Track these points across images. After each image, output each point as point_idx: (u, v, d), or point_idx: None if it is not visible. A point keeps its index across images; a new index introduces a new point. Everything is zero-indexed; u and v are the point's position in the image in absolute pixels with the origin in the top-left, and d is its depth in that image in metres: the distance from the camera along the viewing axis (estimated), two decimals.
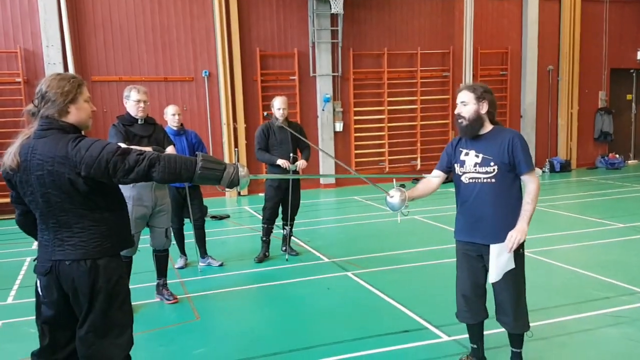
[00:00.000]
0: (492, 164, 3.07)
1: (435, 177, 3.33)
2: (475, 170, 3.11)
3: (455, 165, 3.23)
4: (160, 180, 2.34)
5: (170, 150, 4.57)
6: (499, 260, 3.07)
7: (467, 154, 3.17)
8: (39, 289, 2.46)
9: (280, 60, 11.05)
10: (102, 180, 2.32)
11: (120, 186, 2.56)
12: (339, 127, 11.42)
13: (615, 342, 3.75)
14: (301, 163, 5.81)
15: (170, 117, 5.65)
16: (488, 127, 3.14)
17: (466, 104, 3.11)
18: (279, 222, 6.17)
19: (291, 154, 5.77)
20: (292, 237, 6.35)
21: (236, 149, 5.73)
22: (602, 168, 13.33)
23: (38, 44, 9.45)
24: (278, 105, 5.75)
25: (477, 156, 3.12)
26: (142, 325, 4.10)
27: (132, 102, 4.46)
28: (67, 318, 2.45)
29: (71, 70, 9.33)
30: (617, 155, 13.47)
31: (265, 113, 5.60)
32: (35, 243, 2.56)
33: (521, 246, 3.14)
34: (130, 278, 4.11)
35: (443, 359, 3.54)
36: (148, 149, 3.80)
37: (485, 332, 3.37)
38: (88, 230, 2.37)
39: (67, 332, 2.48)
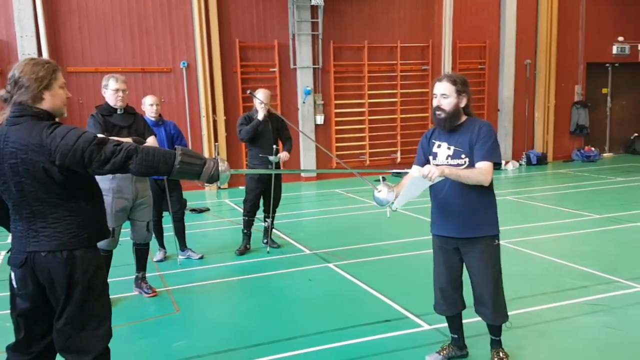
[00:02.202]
0: (462, 155, 3.04)
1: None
2: (448, 162, 3.06)
3: (429, 157, 3.19)
4: (137, 173, 2.30)
5: (151, 140, 4.48)
6: (410, 188, 2.92)
7: (439, 146, 3.13)
8: (13, 282, 2.40)
9: (260, 52, 10.95)
10: (77, 170, 2.26)
11: (100, 178, 2.50)
12: (319, 119, 11.39)
13: (592, 330, 3.82)
14: (283, 155, 5.77)
15: (148, 107, 5.55)
16: (462, 118, 3.11)
17: (447, 97, 3.04)
18: (260, 214, 6.13)
19: (274, 146, 5.72)
20: (274, 230, 6.32)
21: (216, 143, 5.65)
22: (578, 161, 13.55)
23: (12, 34, 9.21)
24: (260, 99, 5.69)
25: (449, 148, 3.08)
26: (121, 318, 4.05)
27: (111, 91, 4.38)
28: (43, 310, 2.40)
29: None
30: (593, 148, 13.70)
31: (248, 91, 5.47)
32: (9, 236, 2.49)
33: (497, 237, 3.14)
34: (109, 271, 4.04)
35: (424, 347, 3.57)
36: (128, 139, 3.72)
37: (465, 321, 3.40)
38: (64, 221, 2.31)
39: (43, 324, 2.43)
